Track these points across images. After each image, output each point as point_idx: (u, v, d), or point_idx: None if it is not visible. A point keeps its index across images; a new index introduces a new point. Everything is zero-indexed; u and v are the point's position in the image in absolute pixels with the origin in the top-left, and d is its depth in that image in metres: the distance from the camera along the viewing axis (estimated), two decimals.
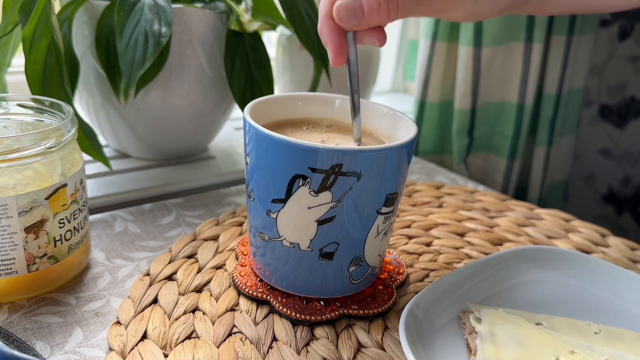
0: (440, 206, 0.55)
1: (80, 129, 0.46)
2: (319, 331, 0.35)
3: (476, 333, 0.34)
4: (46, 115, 0.38)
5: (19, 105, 0.39)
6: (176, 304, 0.37)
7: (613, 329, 0.36)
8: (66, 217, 0.36)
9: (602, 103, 0.94)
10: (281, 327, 0.35)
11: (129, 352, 0.32)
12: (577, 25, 0.74)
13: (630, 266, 0.46)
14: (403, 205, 0.55)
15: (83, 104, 0.56)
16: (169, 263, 0.41)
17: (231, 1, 0.52)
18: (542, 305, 0.39)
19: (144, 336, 0.34)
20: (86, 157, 0.54)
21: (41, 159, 0.34)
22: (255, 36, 0.54)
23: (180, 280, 0.39)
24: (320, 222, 0.33)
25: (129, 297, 0.37)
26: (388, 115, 0.40)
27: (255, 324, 0.36)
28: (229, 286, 0.39)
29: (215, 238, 0.45)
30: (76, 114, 0.43)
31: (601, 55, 0.91)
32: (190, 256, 0.42)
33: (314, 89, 0.59)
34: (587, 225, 0.53)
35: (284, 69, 0.72)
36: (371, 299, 0.38)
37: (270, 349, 0.34)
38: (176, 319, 0.35)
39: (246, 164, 0.35)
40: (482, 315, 0.36)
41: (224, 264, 0.42)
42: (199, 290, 0.39)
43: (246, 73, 0.53)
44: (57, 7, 0.49)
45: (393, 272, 0.41)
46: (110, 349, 0.33)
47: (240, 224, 0.48)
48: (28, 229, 0.34)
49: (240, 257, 0.42)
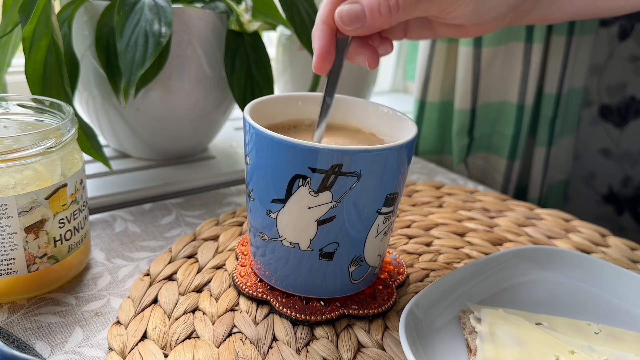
0: (440, 206, 0.55)
1: (80, 129, 0.46)
2: (319, 331, 0.35)
3: (476, 333, 0.34)
4: (46, 115, 0.38)
5: (19, 105, 0.39)
6: (176, 304, 0.37)
7: (613, 329, 0.36)
8: (66, 217, 0.36)
9: (602, 103, 0.94)
10: (281, 327, 0.35)
11: (129, 352, 0.32)
12: (577, 25, 0.74)
13: (630, 266, 0.46)
14: (403, 205, 0.55)
15: (83, 104, 0.56)
16: (169, 263, 0.41)
17: (231, 1, 0.52)
18: (542, 305, 0.39)
19: (144, 336, 0.34)
20: (86, 157, 0.54)
21: (41, 159, 0.34)
22: (255, 36, 0.54)
23: (180, 280, 0.39)
24: (320, 222, 0.33)
25: (129, 297, 0.37)
26: (388, 115, 0.40)
27: (255, 324, 0.36)
28: (229, 286, 0.39)
29: (215, 238, 0.45)
30: (76, 114, 0.43)
31: (601, 55, 0.91)
32: (190, 256, 0.42)
33: (314, 89, 0.59)
34: (587, 225, 0.53)
35: (284, 69, 0.72)
36: (371, 299, 0.38)
37: (270, 349, 0.34)
38: (176, 319, 0.35)
39: (246, 164, 0.35)
40: (482, 315, 0.36)
41: (224, 264, 0.42)
42: (199, 290, 0.39)
43: (246, 73, 0.53)
44: (57, 7, 0.49)
45: (393, 272, 0.41)
46: (110, 349, 0.33)
47: (240, 224, 0.48)
48: (28, 229, 0.34)
49: (240, 257, 0.42)
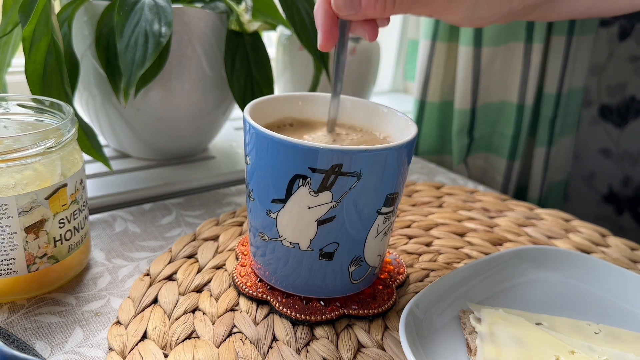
0: (440, 206, 0.55)
1: (80, 129, 0.46)
2: (319, 331, 0.35)
3: (476, 333, 0.34)
4: (46, 115, 0.38)
5: (19, 105, 0.39)
6: (176, 304, 0.37)
7: (613, 329, 0.36)
8: (66, 217, 0.36)
9: (602, 103, 0.94)
10: (281, 327, 0.35)
11: (129, 352, 0.32)
12: (577, 25, 0.74)
13: (630, 266, 0.46)
14: (403, 205, 0.55)
15: (83, 104, 0.56)
16: (169, 263, 0.41)
17: (231, 1, 0.52)
18: (542, 305, 0.39)
19: (144, 336, 0.34)
20: (86, 157, 0.54)
21: (41, 159, 0.34)
22: (255, 36, 0.54)
23: (180, 280, 0.39)
24: (320, 222, 0.33)
25: (129, 297, 0.37)
26: (388, 115, 0.40)
27: (255, 324, 0.36)
28: (229, 286, 0.39)
29: (215, 238, 0.45)
30: (76, 114, 0.43)
31: (601, 55, 0.91)
32: (190, 256, 0.42)
33: (314, 89, 0.59)
34: (587, 225, 0.53)
35: (284, 69, 0.72)
36: (371, 299, 0.38)
37: (270, 349, 0.34)
38: (176, 319, 0.35)
39: (246, 164, 0.35)
40: (482, 315, 0.36)
41: (224, 264, 0.42)
42: (199, 290, 0.39)
43: (246, 73, 0.53)
44: (57, 7, 0.49)
45: (393, 272, 0.41)
46: (110, 349, 0.33)
47: (240, 224, 0.48)
48: (28, 229, 0.34)
49: (240, 257, 0.42)
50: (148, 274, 0.40)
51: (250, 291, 0.38)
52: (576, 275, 0.41)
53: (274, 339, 0.35)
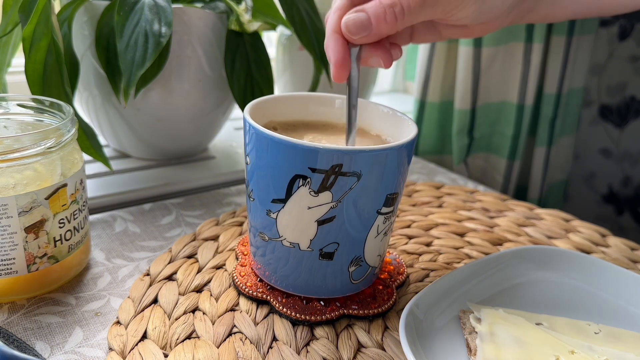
0: (440, 206, 0.55)
1: (80, 129, 0.46)
2: (319, 331, 0.35)
3: (476, 333, 0.34)
4: (46, 115, 0.38)
5: (19, 105, 0.39)
6: (176, 304, 0.37)
7: (613, 329, 0.36)
8: (66, 217, 0.36)
9: (602, 103, 0.94)
10: (281, 327, 0.35)
11: (129, 352, 0.32)
12: (577, 25, 0.74)
13: (630, 266, 0.46)
14: (403, 205, 0.55)
15: (83, 104, 0.56)
16: (169, 263, 0.41)
17: (231, 1, 0.52)
18: (542, 305, 0.39)
19: (144, 336, 0.34)
20: (86, 157, 0.54)
21: (41, 159, 0.34)
22: (255, 36, 0.54)
23: (180, 280, 0.39)
24: (320, 222, 0.33)
25: (129, 297, 0.37)
26: (388, 115, 0.40)
27: (255, 324, 0.36)
28: (229, 286, 0.39)
29: (215, 238, 0.45)
30: (76, 114, 0.43)
31: (601, 55, 0.91)
32: (190, 256, 0.42)
33: (314, 89, 0.59)
34: (587, 225, 0.53)
35: (284, 69, 0.72)
36: (371, 299, 0.38)
37: (270, 349, 0.34)
38: (176, 319, 0.35)
39: (246, 164, 0.35)
40: (482, 315, 0.36)
41: (224, 264, 0.42)
42: (199, 290, 0.39)
43: (246, 73, 0.53)
44: (57, 7, 0.49)
45: (393, 272, 0.41)
46: (110, 349, 0.33)
47: (240, 224, 0.48)
48: (28, 229, 0.34)
49: (240, 257, 0.42)
50: (148, 274, 0.40)
51: (250, 291, 0.38)
52: (576, 275, 0.41)
53: (274, 339, 0.35)
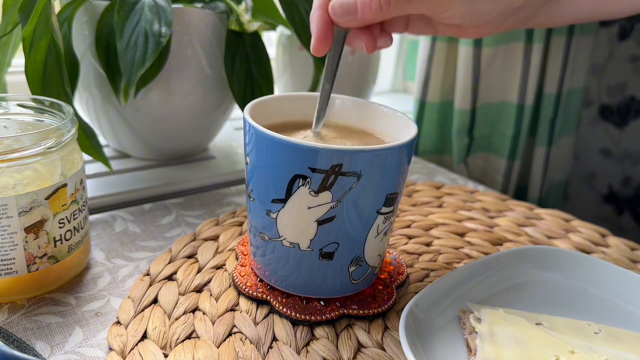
0: (440, 206, 0.55)
1: (80, 129, 0.46)
2: (319, 331, 0.35)
3: (476, 333, 0.34)
4: (46, 115, 0.38)
5: (19, 105, 0.39)
6: (176, 304, 0.37)
7: (613, 329, 0.36)
8: (66, 217, 0.36)
9: (602, 103, 0.94)
10: (281, 327, 0.35)
11: (129, 352, 0.32)
12: (577, 26, 0.74)
13: (630, 266, 0.46)
14: (403, 205, 0.55)
15: (83, 104, 0.56)
16: (169, 263, 0.41)
17: (231, 1, 0.52)
18: (542, 305, 0.39)
19: (144, 336, 0.34)
20: (86, 157, 0.54)
21: (41, 159, 0.34)
22: (255, 36, 0.54)
23: (180, 280, 0.39)
24: (320, 222, 0.33)
25: (129, 297, 0.37)
26: (388, 115, 0.40)
27: (255, 324, 0.36)
28: (229, 286, 0.39)
29: (215, 238, 0.45)
30: (76, 114, 0.43)
31: (601, 55, 0.91)
32: (190, 256, 0.42)
33: (314, 89, 0.59)
34: (587, 225, 0.53)
35: (284, 69, 0.72)
36: (371, 299, 0.38)
37: (270, 349, 0.34)
38: (176, 319, 0.35)
39: (246, 164, 0.35)
40: (482, 315, 0.36)
41: (224, 264, 0.42)
42: (199, 290, 0.39)
43: (246, 73, 0.53)
44: (57, 7, 0.49)
45: (393, 272, 0.41)
46: (110, 349, 0.33)
47: (240, 224, 0.48)
48: (28, 229, 0.34)
49: (240, 257, 0.42)
50: (148, 274, 0.40)
51: (250, 291, 0.38)
52: (576, 275, 0.41)
53: (274, 339, 0.35)
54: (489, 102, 0.77)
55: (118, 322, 0.35)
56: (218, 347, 0.33)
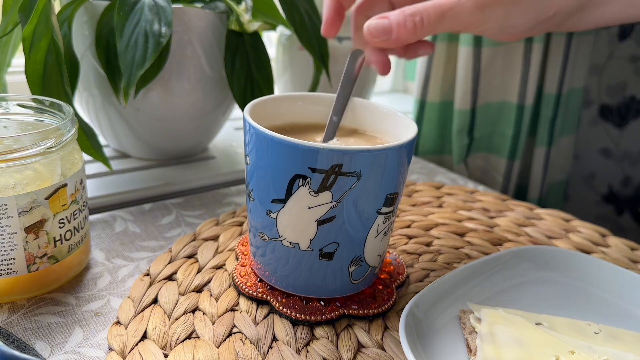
0: (440, 206, 0.55)
1: (80, 129, 0.46)
2: (319, 331, 0.35)
3: (476, 333, 0.34)
4: (46, 115, 0.38)
5: (19, 105, 0.39)
6: (176, 304, 0.37)
7: (613, 329, 0.36)
8: (66, 217, 0.36)
9: (602, 103, 0.94)
10: (281, 327, 0.35)
11: (129, 352, 0.32)
12: None
13: (630, 266, 0.46)
14: (403, 205, 0.55)
15: (83, 104, 0.56)
16: (169, 263, 0.41)
17: (231, 1, 0.52)
18: (542, 305, 0.39)
19: (144, 336, 0.34)
20: (86, 157, 0.54)
21: (41, 159, 0.34)
22: (255, 36, 0.54)
23: (180, 280, 0.39)
24: (320, 222, 0.33)
25: (129, 297, 0.37)
26: (388, 115, 0.40)
27: (255, 324, 0.36)
28: (229, 286, 0.39)
29: (215, 238, 0.45)
30: (76, 114, 0.43)
31: (601, 55, 0.91)
32: (190, 256, 0.42)
33: (314, 89, 0.59)
34: (587, 225, 0.53)
35: (284, 69, 0.72)
36: (371, 299, 0.38)
37: (270, 349, 0.34)
38: (176, 319, 0.35)
39: (246, 164, 0.35)
40: (482, 315, 0.36)
41: (224, 264, 0.42)
42: (199, 290, 0.39)
43: (246, 73, 0.53)
44: (57, 7, 0.49)
45: (393, 272, 0.41)
46: (110, 349, 0.33)
47: (240, 224, 0.48)
48: (28, 229, 0.34)
49: (240, 257, 0.42)
50: (148, 274, 0.40)
51: (250, 291, 0.38)
52: (576, 275, 0.41)
53: (274, 339, 0.35)
54: (489, 102, 0.77)
55: (118, 322, 0.35)
56: (218, 347, 0.33)
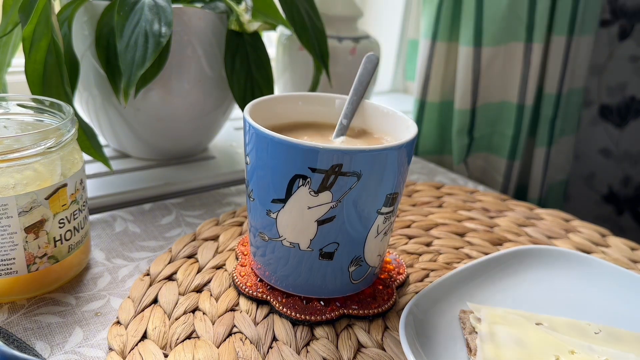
0: (440, 206, 0.55)
1: (80, 129, 0.46)
2: (319, 331, 0.35)
3: (476, 333, 0.34)
4: (46, 115, 0.38)
5: (19, 105, 0.39)
6: (176, 304, 0.37)
7: (613, 329, 0.36)
8: (66, 217, 0.36)
9: (602, 103, 0.94)
10: (281, 327, 0.35)
11: (129, 352, 0.32)
12: (577, 26, 0.74)
13: (630, 266, 0.46)
14: (403, 205, 0.55)
15: (83, 104, 0.56)
16: (169, 263, 0.41)
17: (231, 1, 0.52)
18: (542, 305, 0.39)
19: (144, 336, 0.34)
20: (86, 157, 0.54)
21: (41, 159, 0.34)
22: (255, 36, 0.54)
23: (180, 280, 0.39)
24: (320, 222, 0.33)
25: (129, 297, 0.37)
26: (388, 115, 0.40)
27: (255, 324, 0.36)
28: (229, 286, 0.39)
29: (215, 238, 0.45)
30: (76, 114, 0.43)
31: (601, 55, 0.91)
32: (190, 256, 0.42)
33: (314, 89, 0.59)
34: (587, 225, 0.53)
35: (284, 69, 0.72)
36: (371, 299, 0.38)
37: (270, 349, 0.34)
38: (176, 319, 0.35)
39: (246, 164, 0.35)
40: (482, 315, 0.36)
41: (224, 264, 0.42)
42: (199, 290, 0.39)
43: (246, 73, 0.53)
44: (57, 7, 0.49)
45: (393, 272, 0.41)
46: (110, 349, 0.33)
47: (240, 224, 0.48)
48: (28, 229, 0.34)
49: (240, 257, 0.42)
50: (148, 274, 0.40)
51: (250, 291, 0.38)
52: (576, 275, 0.41)
53: (274, 339, 0.35)
54: (489, 102, 0.77)
55: (118, 322, 0.35)
56: (218, 347, 0.33)
